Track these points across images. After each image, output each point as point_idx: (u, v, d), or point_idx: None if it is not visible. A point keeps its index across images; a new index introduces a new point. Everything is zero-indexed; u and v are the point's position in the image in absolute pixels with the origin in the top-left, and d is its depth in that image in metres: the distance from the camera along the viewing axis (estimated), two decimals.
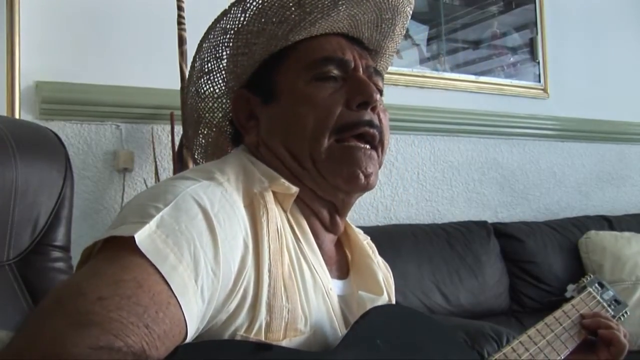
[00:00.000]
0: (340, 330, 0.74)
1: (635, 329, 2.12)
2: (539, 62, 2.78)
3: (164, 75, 1.82)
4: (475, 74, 2.61)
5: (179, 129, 1.78)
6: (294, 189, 0.74)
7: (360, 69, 0.80)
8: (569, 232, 2.49)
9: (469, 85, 2.58)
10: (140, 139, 1.91)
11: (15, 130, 1.01)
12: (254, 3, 0.78)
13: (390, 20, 0.85)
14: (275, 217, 0.71)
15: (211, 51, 0.84)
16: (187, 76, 0.90)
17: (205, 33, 0.83)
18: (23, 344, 0.50)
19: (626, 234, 2.50)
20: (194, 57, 0.85)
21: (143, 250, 0.57)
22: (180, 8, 1.71)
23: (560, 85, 2.81)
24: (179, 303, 0.57)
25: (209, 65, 0.85)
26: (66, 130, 1.80)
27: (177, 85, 1.72)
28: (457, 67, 2.58)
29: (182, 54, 1.70)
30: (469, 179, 2.58)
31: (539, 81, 2.77)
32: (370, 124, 0.77)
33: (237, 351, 0.60)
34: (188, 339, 0.59)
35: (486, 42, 2.69)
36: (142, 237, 0.58)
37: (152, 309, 0.54)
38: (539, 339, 0.93)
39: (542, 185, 2.78)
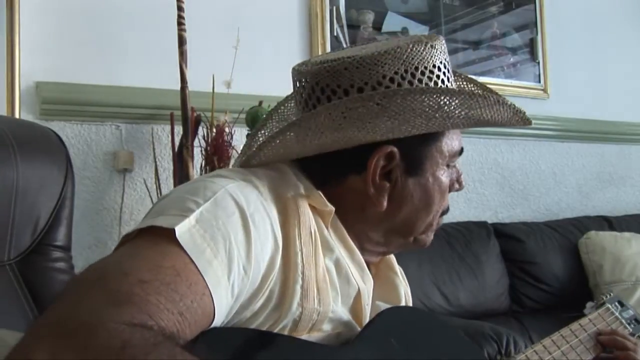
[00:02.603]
0: None
1: None
2: (539, 63, 2.77)
3: (164, 75, 1.82)
4: (475, 74, 2.61)
5: (179, 129, 1.78)
6: (330, 207, 0.74)
7: None
8: (569, 232, 2.49)
9: None
10: (140, 139, 1.91)
11: (16, 130, 1.01)
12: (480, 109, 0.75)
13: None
14: (309, 220, 0.71)
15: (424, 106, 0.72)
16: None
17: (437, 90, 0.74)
18: (64, 310, 0.52)
19: (626, 234, 2.50)
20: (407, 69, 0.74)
21: (182, 243, 0.59)
22: (180, 8, 1.71)
23: (560, 85, 2.81)
24: (211, 296, 0.59)
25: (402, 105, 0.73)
26: (66, 130, 1.80)
27: (177, 86, 1.72)
28: (457, 68, 2.57)
29: (182, 54, 1.70)
30: (468, 179, 2.58)
31: (539, 81, 2.77)
32: None
33: (251, 338, 0.62)
34: None
35: (486, 42, 2.69)
36: (183, 230, 0.60)
37: (188, 298, 0.56)
38: (554, 349, 0.93)
39: (542, 185, 2.78)
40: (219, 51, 1.84)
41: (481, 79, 2.59)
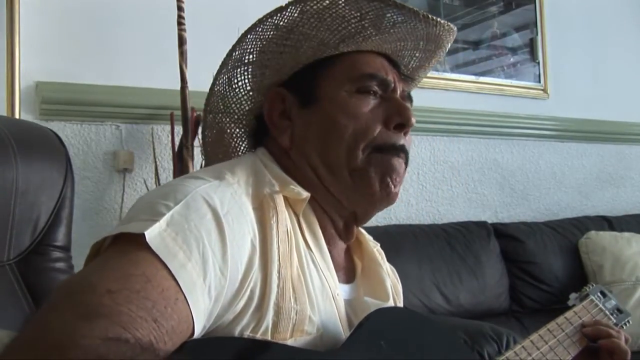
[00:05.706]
0: (345, 333, 0.74)
1: (636, 330, 2.12)
2: (539, 63, 2.78)
3: (164, 75, 1.82)
4: (475, 74, 2.61)
5: (179, 129, 1.78)
6: (305, 194, 0.74)
7: (398, 92, 0.82)
8: (569, 232, 2.49)
9: (469, 85, 2.58)
10: (140, 139, 1.91)
11: (16, 131, 1.01)
12: (315, 7, 0.77)
13: (432, 52, 0.87)
14: (285, 219, 0.71)
15: (256, 44, 0.83)
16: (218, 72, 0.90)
17: (252, 25, 0.83)
18: (32, 334, 0.50)
19: (626, 234, 2.49)
20: (234, 46, 0.85)
21: (153, 248, 0.58)
22: (180, 8, 1.71)
23: (560, 85, 2.81)
24: (186, 300, 0.57)
25: (250, 57, 0.84)
26: (66, 130, 1.80)
27: (177, 86, 1.72)
28: (457, 68, 2.58)
29: (182, 54, 1.70)
30: (468, 179, 2.58)
31: (539, 81, 2.77)
32: (404, 150, 0.80)
33: (242, 348, 0.61)
34: (195, 336, 0.60)
35: (486, 42, 2.69)
36: (153, 234, 0.59)
37: (161, 304, 0.55)
38: (542, 344, 0.93)
39: (542, 185, 2.78)
40: (219, 51, 1.83)
41: (481, 79, 2.61)
